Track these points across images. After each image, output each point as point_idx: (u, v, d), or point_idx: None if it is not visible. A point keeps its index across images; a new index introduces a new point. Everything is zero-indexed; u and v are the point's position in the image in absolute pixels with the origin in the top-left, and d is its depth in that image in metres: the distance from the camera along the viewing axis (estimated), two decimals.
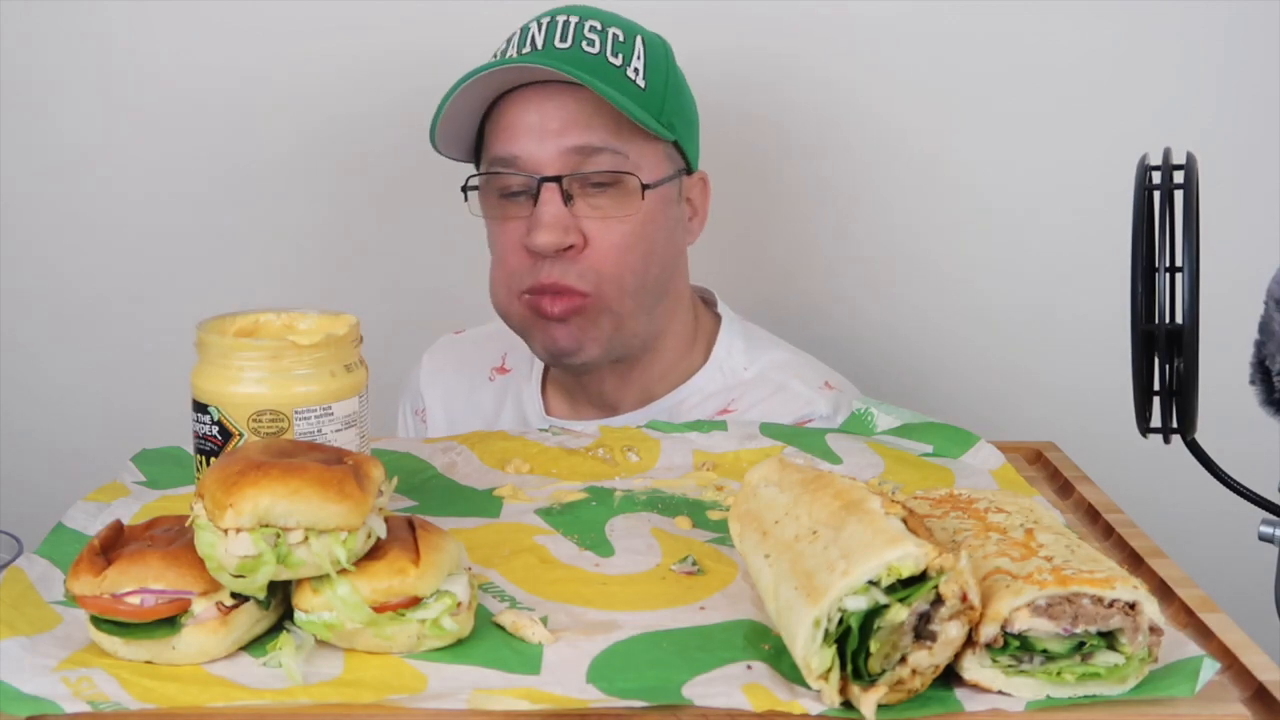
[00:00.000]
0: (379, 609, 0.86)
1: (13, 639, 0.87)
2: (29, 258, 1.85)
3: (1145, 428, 1.12)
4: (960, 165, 1.79)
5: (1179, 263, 1.07)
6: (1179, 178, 1.08)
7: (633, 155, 1.37)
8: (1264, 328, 1.08)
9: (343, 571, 0.86)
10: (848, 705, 0.80)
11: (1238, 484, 1.13)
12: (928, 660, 0.80)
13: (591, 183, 1.37)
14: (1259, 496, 1.12)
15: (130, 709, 0.81)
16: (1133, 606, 0.81)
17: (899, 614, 0.78)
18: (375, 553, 0.88)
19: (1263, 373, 1.08)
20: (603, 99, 1.34)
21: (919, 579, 0.79)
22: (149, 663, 0.86)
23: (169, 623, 0.85)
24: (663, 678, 0.83)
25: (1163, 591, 0.97)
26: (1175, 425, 1.11)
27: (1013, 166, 1.78)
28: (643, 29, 1.42)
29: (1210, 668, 0.82)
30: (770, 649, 0.87)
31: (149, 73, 1.81)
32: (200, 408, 1.05)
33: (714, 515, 1.12)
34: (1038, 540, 0.88)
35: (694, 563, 1.01)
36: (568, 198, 1.36)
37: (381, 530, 0.89)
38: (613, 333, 1.41)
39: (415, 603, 0.87)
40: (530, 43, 1.38)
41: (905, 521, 0.82)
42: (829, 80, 1.78)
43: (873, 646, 0.78)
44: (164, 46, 1.80)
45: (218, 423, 1.04)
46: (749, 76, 1.77)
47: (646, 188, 1.38)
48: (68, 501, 1.12)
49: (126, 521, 1.01)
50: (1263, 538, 1.10)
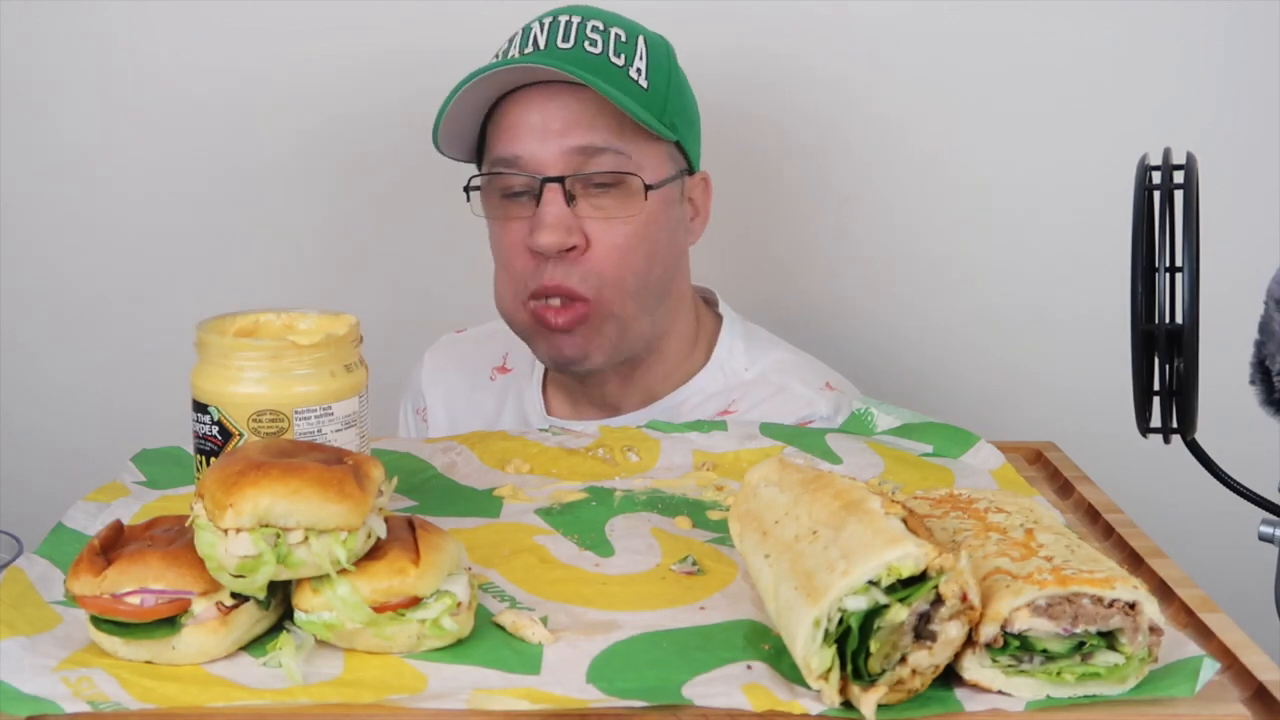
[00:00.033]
0: (379, 609, 0.86)
1: (13, 639, 0.87)
2: (29, 258, 1.85)
3: (1145, 428, 1.12)
4: (961, 165, 1.79)
5: (1179, 263, 1.07)
6: (1179, 178, 1.08)
7: (635, 156, 1.37)
8: (1264, 328, 1.08)
9: (343, 571, 0.86)
10: (848, 705, 0.80)
11: (1238, 484, 1.13)
12: (928, 660, 0.80)
13: (594, 183, 1.37)
14: (1259, 496, 1.12)
15: (130, 709, 0.81)
16: (1133, 606, 0.81)
17: (899, 614, 0.78)
18: (375, 553, 0.88)
19: (1263, 373, 1.08)
20: (605, 99, 1.33)
21: (919, 579, 0.79)
22: (149, 663, 0.86)
23: (169, 623, 0.85)
24: (663, 678, 0.83)
25: (1163, 591, 0.97)
26: (1175, 425, 1.11)
27: (1013, 166, 1.78)
28: (645, 29, 1.42)
29: (1210, 668, 0.82)
30: (770, 649, 0.87)
31: (149, 73, 1.81)
32: (200, 408, 1.05)
33: (714, 515, 1.11)
34: (1038, 540, 0.88)
35: (694, 563, 1.01)
36: (570, 198, 1.36)
37: (381, 530, 0.89)
38: (617, 339, 1.40)
39: (415, 603, 0.86)
40: (532, 43, 1.38)
41: (905, 521, 0.82)
42: (830, 80, 1.78)
43: (873, 646, 0.78)
44: (164, 46, 1.80)
45: (218, 423, 1.04)
46: (749, 76, 1.77)
47: (649, 188, 1.37)
48: (68, 501, 1.12)
49: (126, 521, 1.01)
50: (1263, 538, 1.10)
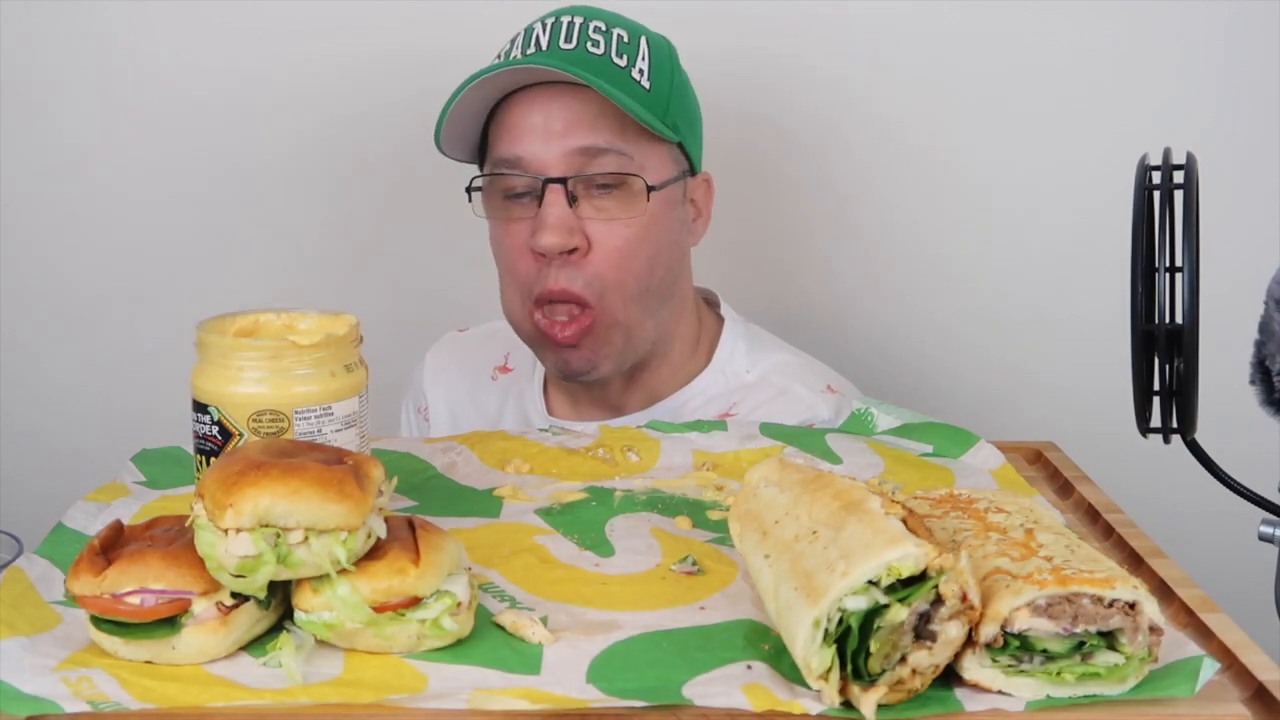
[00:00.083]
0: (379, 609, 0.86)
1: (13, 639, 0.87)
2: (29, 257, 1.85)
3: (1145, 428, 1.12)
4: (961, 165, 1.79)
5: (1179, 263, 1.07)
6: (1179, 178, 1.08)
7: (638, 157, 1.37)
8: (1264, 328, 1.08)
9: (343, 571, 0.86)
10: (848, 705, 0.80)
11: (1238, 484, 1.13)
12: (928, 660, 0.80)
13: (596, 184, 1.36)
14: (1259, 496, 1.12)
15: (130, 709, 0.81)
16: (1133, 606, 0.81)
17: (899, 614, 0.78)
18: (375, 553, 0.88)
19: (1263, 373, 1.08)
20: (608, 100, 1.33)
21: (919, 579, 0.79)
22: (149, 663, 0.86)
23: (169, 623, 0.85)
24: (663, 678, 0.83)
25: (1163, 591, 0.97)
26: (1175, 425, 1.11)
27: (1013, 166, 1.78)
28: (647, 30, 1.41)
29: (1210, 668, 0.82)
30: (770, 649, 0.87)
31: (149, 73, 1.81)
32: (200, 408, 1.05)
33: (714, 515, 1.11)
34: (1038, 540, 0.88)
35: (694, 563, 1.01)
36: (572, 199, 1.36)
37: (381, 530, 0.89)
38: (624, 347, 1.40)
39: (415, 603, 0.87)
40: (535, 43, 1.37)
41: (905, 521, 0.82)
42: (830, 80, 1.78)
43: (873, 646, 0.79)
44: (164, 46, 1.80)
45: (218, 423, 1.04)
46: (750, 77, 1.77)
47: (651, 189, 1.37)
48: (68, 501, 1.12)
49: (126, 521, 1.01)
50: (1263, 538, 1.10)
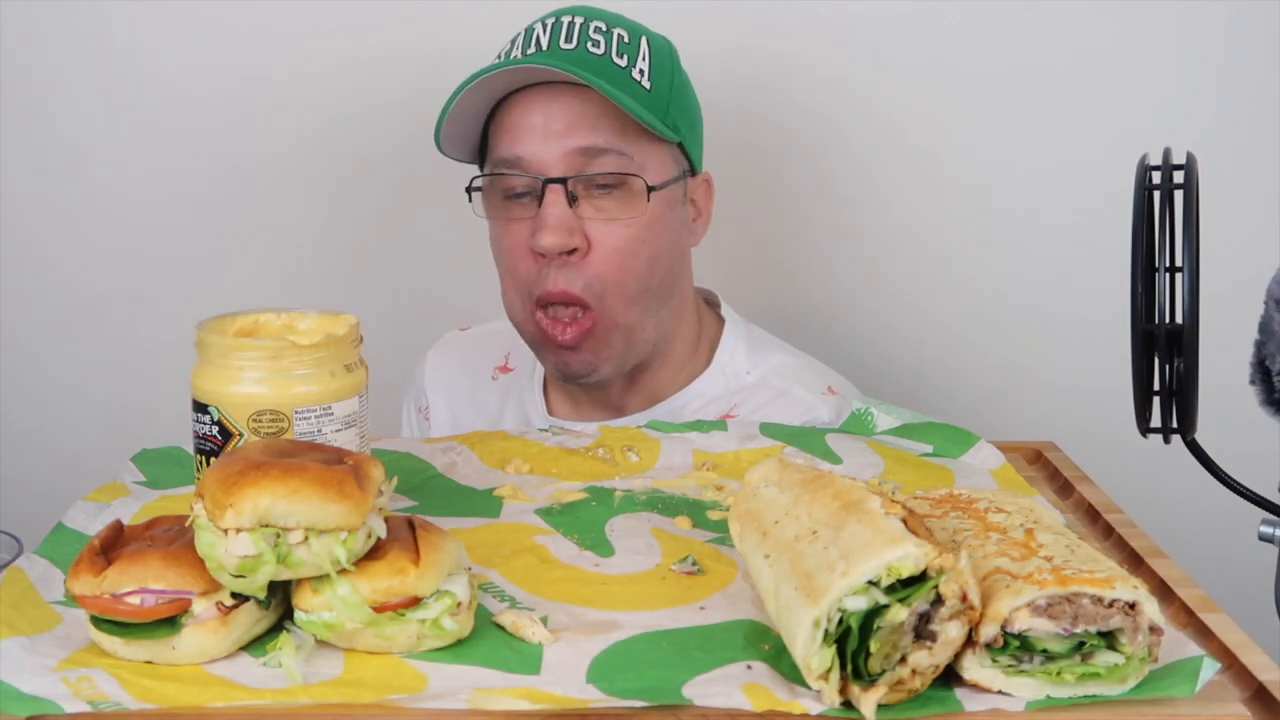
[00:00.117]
0: (379, 609, 0.86)
1: (13, 639, 0.87)
2: (29, 257, 1.85)
3: (1145, 428, 1.12)
4: (961, 165, 1.79)
5: (1179, 263, 1.07)
6: (1179, 178, 1.08)
7: (638, 157, 1.36)
8: (1264, 328, 1.08)
9: (343, 571, 0.86)
10: (848, 705, 0.80)
11: (1238, 484, 1.13)
12: (928, 660, 0.80)
13: (596, 184, 1.36)
14: (1259, 496, 1.12)
15: (130, 709, 0.81)
16: (1133, 606, 0.81)
17: (899, 614, 0.78)
18: (375, 553, 0.88)
19: (1263, 373, 1.08)
20: (608, 100, 1.33)
21: (919, 579, 0.79)
22: (149, 663, 0.86)
23: (169, 623, 0.85)
24: (663, 678, 0.83)
25: (1163, 591, 0.97)
26: (1175, 425, 1.11)
27: (1013, 166, 1.78)
28: (648, 30, 1.41)
29: (1210, 668, 0.82)
30: (770, 649, 0.87)
31: (149, 73, 1.80)
32: (200, 408, 1.05)
33: (714, 515, 1.11)
34: (1038, 540, 0.88)
35: (694, 563, 1.01)
36: (572, 199, 1.35)
37: (381, 530, 0.89)
38: (624, 349, 1.40)
39: (415, 603, 0.87)
40: (535, 43, 1.37)
41: (905, 521, 0.82)
42: (830, 80, 1.78)
43: (873, 646, 0.79)
44: (164, 47, 1.80)
45: (218, 423, 1.04)
46: (750, 77, 1.77)
47: (652, 190, 1.37)
48: (68, 501, 1.12)
49: (126, 521, 1.01)
50: (1263, 538, 1.10)
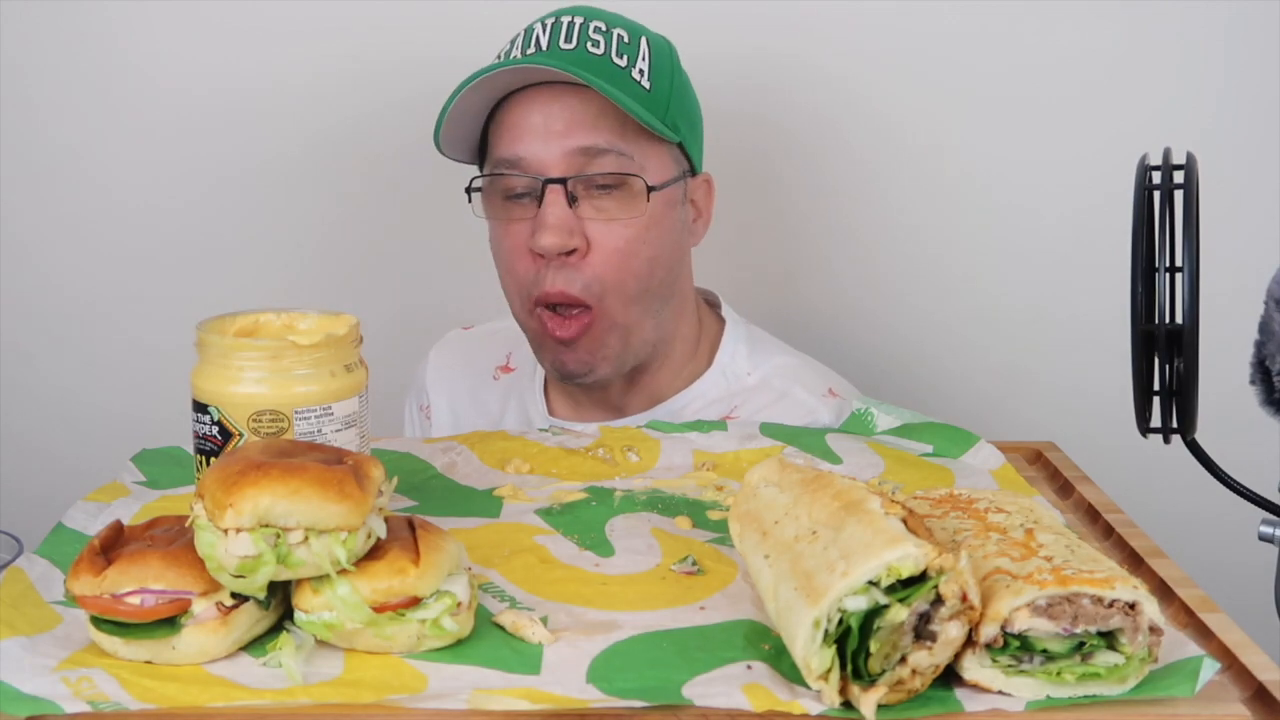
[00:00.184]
0: (379, 609, 0.86)
1: (13, 639, 0.87)
2: (29, 258, 1.85)
3: (1145, 428, 1.12)
4: (961, 165, 1.79)
5: (1179, 263, 1.07)
6: (1179, 178, 1.08)
7: (638, 157, 1.36)
8: (1264, 328, 1.08)
9: (343, 571, 0.86)
10: (848, 705, 0.80)
11: (1238, 484, 1.13)
12: (928, 660, 0.80)
13: (596, 184, 1.36)
14: (1259, 496, 1.12)
15: (130, 709, 0.81)
16: (1133, 606, 0.81)
17: (899, 614, 0.78)
18: (375, 553, 0.88)
19: (1263, 373, 1.08)
20: (608, 100, 1.33)
21: (919, 579, 0.79)
22: (149, 663, 0.86)
23: (169, 623, 0.85)
24: (663, 678, 0.83)
25: (1163, 591, 0.97)
26: (1175, 425, 1.11)
27: (1013, 166, 1.78)
28: (647, 30, 1.41)
29: (1210, 668, 0.82)
30: (770, 649, 0.87)
31: (149, 75, 1.80)
32: (200, 408, 1.05)
33: (714, 515, 1.12)
34: (1038, 540, 0.88)
35: (694, 563, 1.01)
36: (572, 199, 1.35)
37: (381, 530, 0.89)
38: (622, 349, 1.40)
39: (415, 603, 0.87)
40: (535, 43, 1.37)
41: (905, 521, 0.82)
42: (830, 80, 1.77)
43: (873, 647, 0.79)
44: (164, 49, 1.80)
45: (218, 423, 1.04)
46: (750, 77, 1.77)
47: (652, 190, 1.37)
48: (68, 501, 1.12)
49: (126, 521, 1.01)
50: (1263, 538, 1.10)
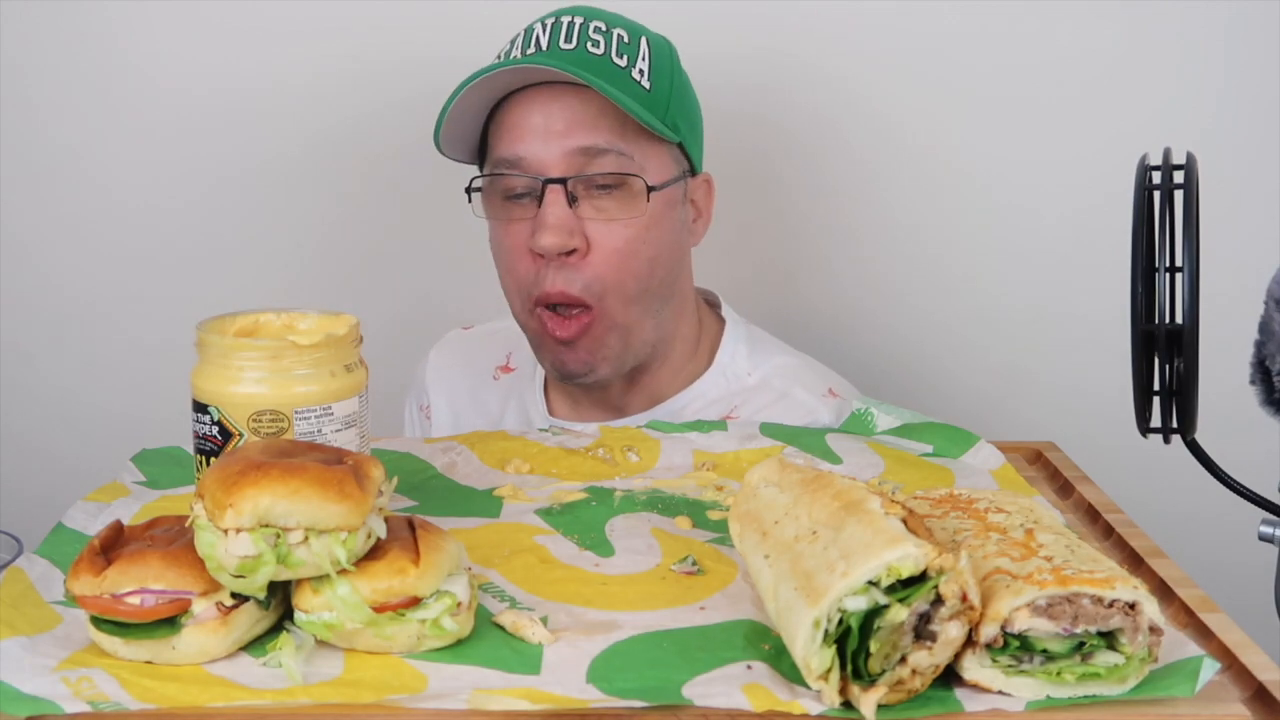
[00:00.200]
0: (379, 609, 0.86)
1: (13, 639, 0.87)
2: (29, 258, 1.85)
3: (1145, 428, 1.12)
4: (961, 165, 1.79)
5: (1179, 263, 1.07)
6: (1179, 178, 1.08)
7: (638, 157, 1.36)
8: (1264, 328, 1.08)
9: (343, 571, 0.86)
10: (848, 705, 0.80)
11: (1238, 484, 1.13)
12: (928, 660, 0.80)
13: (596, 184, 1.36)
14: (1259, 496, 1.12)
15: (130, 709, 0.81)
16: (1133, 606, 0.81)
17: (899, 614, 0.78)
18: (375, 553, 0.88)
19: (1263, 373, 1.08)
20: (608, 100, 1.33)
21: (919, 579, 0.79)
22: (149, 663, 0.86)
23: (169, 623, 0.85)
24: (663, 678, 0.83)
25: (1163, 591, 0.97)
26: (1175, 425, 1.11)
27: (1013, 166, 1.78)
28: (647, 30, 1.41)
29: (1210, 668, 0.82)
30: (770, 649, 0.87)
31: (148, 75, 1.80)
32: (200, 408, 1.05)
33: (714, 515, 1.12)
34: (1038, 540, 0.88)
35: (694, 563, 1.01)
36: (572, 199, 1.35)
37: (381, 530, 0.89)
38: (621, 349, 1.40)
39: (415, 603, 0.87)
40: (535, 43, 1.37)
41: (905, 521, 0.82)
42: (830, 80, 1.77)
43: (873, 647, 0.79)
44: (164, 49, 1.80)
45: (218, 423, 1.04)
46: (750, 77, 1.77)
47: (652, 190, 1.36)
48: (68, 501, 1.12)
49: (126, 521, 1.01)
50: (1263, 538, 1.10)
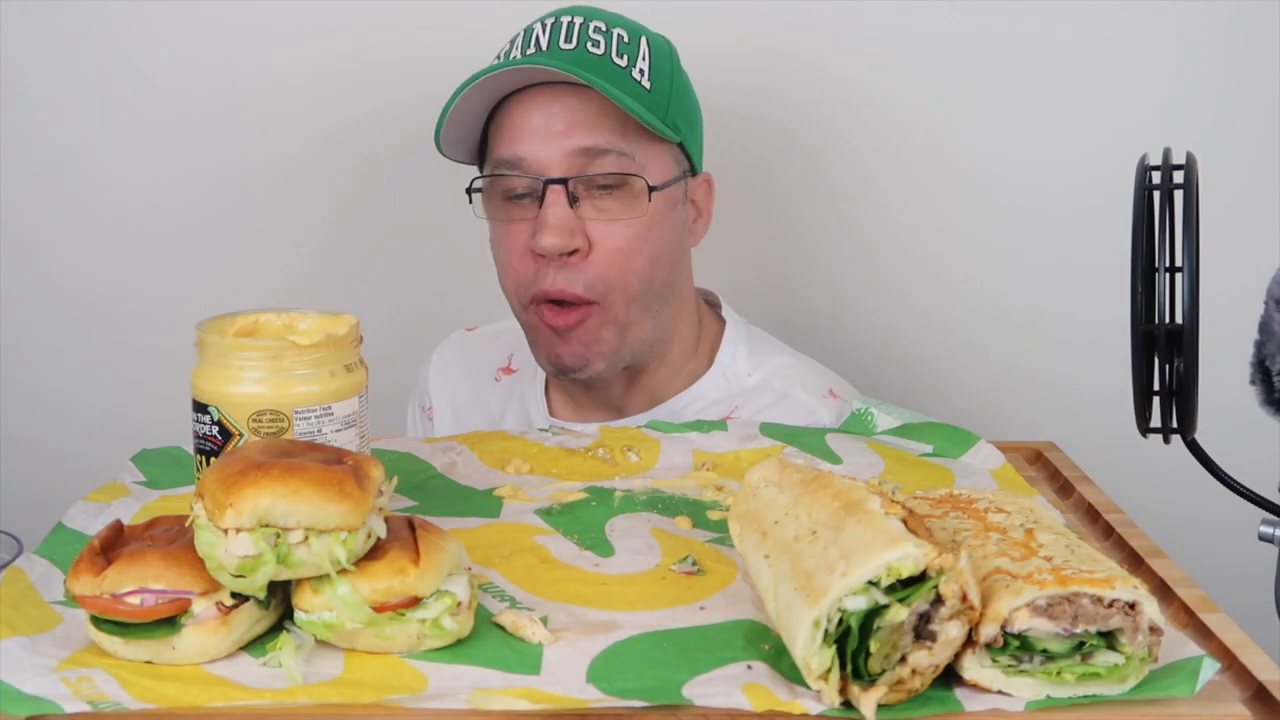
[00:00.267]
0: (379, 609, 0.86)
1: (13, 639, 0.87)
2: (29, 258, 1.85)
3: (1145, 428, 1.12)
4: (961, 165, 1.79)
5: (1179, 263, 1.07)
6: (1179, 178, 1.08)
7: (639, 157, 1.36)
8: (1264, 328, 1.08)
9: (343, 571, 0.86)
10: (848, 705, 0.80)
11: (1238, 484, 1.13)
12: (928, 660, 0.80)
13: (597, 185, 1.35)
14: (1259, 496, 1.12)
15: (130, 709, 0.81)
16: (1133, 606, 0.81)
17: (899, 614, 0.78)
18: (375, 553, 0.88)
19: (1263, 373, 1.08)
20: (608, 100, 1.33)
21: (919, 579, 0.79)
22: (149, 663, 0.86)
23: (169, 623, 0.85)
24: (663, 678, 0.83)
25: (1163, 591, 0.97)
26: (1175, 425, 1.11)
27: (1013, 166, 1.78)
28: (647, 30, 1.41)
29: (1210, 668, 0.82)
30: (770, 649, 0.87)
31: (149, 75, 1.80)
32: (200, 408, 1.05)
33: (714, 515, 1.12)
34: (1038, 540, 0.88)
35: (694, 563, 1.01)
36: (573, 200, 1.35)
37: (381, 530, 0.89)
38: (617, 345, 1.39)
39: (415, 603, 0.87)
40: (535, 44, 1.37)
41: (905, 521, 0.82)
42: (830, 80, 1.77)
43: (873, 646, 0.79)
44: (164, 49, 1.80)
45: (218, 423, 1.04)
46: (750, 76, 1.77)
47: (653, 190, 1.36)
48: (68, 501, 1.12)
49: (126, 521, 1.01)
50: (1263, 538, 1.10)
